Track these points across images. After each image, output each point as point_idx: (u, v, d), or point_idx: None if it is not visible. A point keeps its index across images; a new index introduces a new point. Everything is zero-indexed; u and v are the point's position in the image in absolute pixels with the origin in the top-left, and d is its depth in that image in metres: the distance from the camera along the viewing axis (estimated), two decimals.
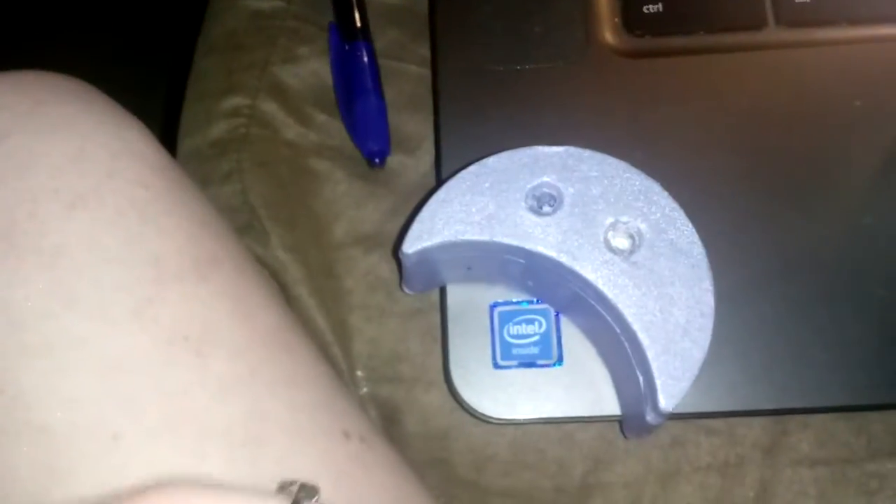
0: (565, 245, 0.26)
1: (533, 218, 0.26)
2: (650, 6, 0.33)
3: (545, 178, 0.26)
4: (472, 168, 0.27)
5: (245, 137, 0.36)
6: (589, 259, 0.25)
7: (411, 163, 0.35)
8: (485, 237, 0.26)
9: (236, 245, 0.26)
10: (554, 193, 0.26)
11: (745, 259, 0.30)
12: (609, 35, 0.33)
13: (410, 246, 0.26)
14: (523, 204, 0.26)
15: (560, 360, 0.29)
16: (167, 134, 0.37)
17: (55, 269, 0.22)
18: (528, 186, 0.26)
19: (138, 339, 0.22)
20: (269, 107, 0.36)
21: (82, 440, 0.21)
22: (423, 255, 0.27)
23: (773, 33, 0.33)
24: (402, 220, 0.34)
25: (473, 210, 0.26)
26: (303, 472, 0.22)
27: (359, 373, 0.33)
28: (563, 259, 0.25)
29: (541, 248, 0.26)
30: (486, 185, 0.27)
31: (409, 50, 0.36)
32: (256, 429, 0.22)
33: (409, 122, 0.35)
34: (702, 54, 0.32)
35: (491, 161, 0.27)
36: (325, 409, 0.24)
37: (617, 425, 0.31)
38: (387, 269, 0.34)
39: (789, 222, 0.30)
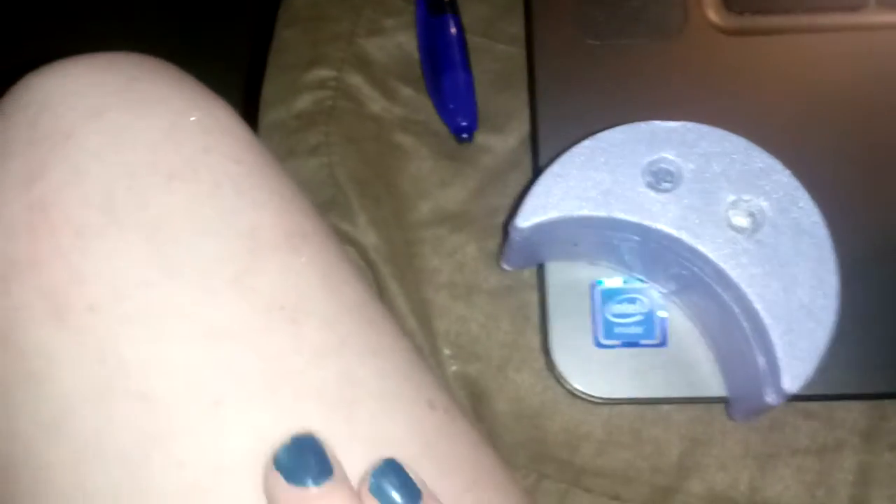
0: (686, 222, 0.25)
1: (651, 194, 0.26)
2: None
3: (663, 154, 0.26)
4: (586, 142, 0.26)
5: (331, 110, 0.35)
6: (710, 237, 0.25)
7: (498, 141, 0.34)
8: (602, 213, 0.26)
9: (321, 221, 0.26)
10: (672, 169, 0.26)
11: (846, 241, 0.29)
12: (709, 12, 0.32)
13: (524, 220, 0.26)
14: (641, 180, 0.26)
15: (664, 342, 0.29)
16: (247, 106, 0.37)
17: (155, 240, 0.22)
18: (646, 162, 0.26)
19: (237, 307, 0.22)
20: (355, 79, 0.36)
21: (183, 406, 0.21)
22: (536, 229, 0.26)
23: (872, 14, 0.33)
24: (489, 199, 0.34)
25: (589, 185, 0.26)
26: (393, 436, 0.22)
27: (446, 351, 0.32)
28: (684, 237, 0.25)
29: (661, 226, 0.25)
30: (602, 159, 0.26)
31: (496, 27, 0.36)
32: (349, 392, 0.22)
33: (497, 100, 0.35)
34: (801, 33, 0.32)
35: (606, 135, 0.26)
36: (410, 379, 0.24)
37: (713, 407, 0.30)
38: (474, 248, 0.33)
39: (890, 204, 0.30)
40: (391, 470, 0.20)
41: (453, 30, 0.35)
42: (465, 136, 0.34)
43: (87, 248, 0.22)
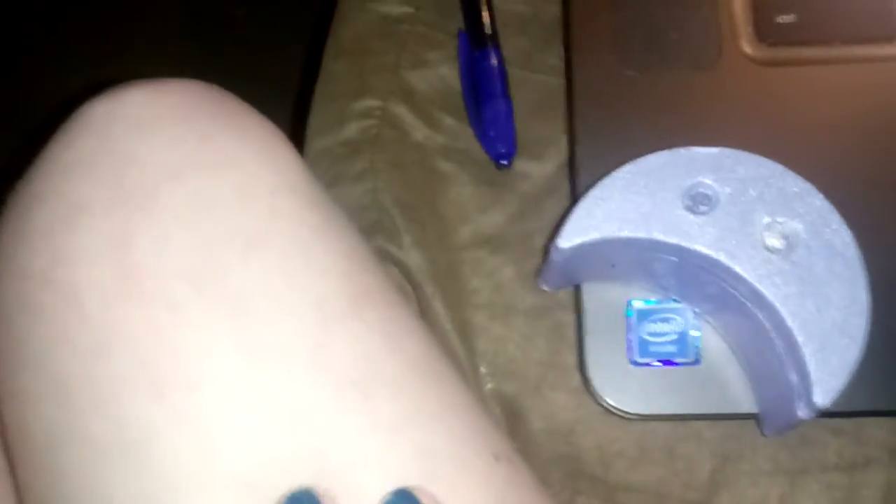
0: (723, 244, 0.26)
1: (690, 217, 0.27)
2: (783, 16, 0.34)
3: (701, 179, 0.27)
4: (627, 167, 0.28)
5: (376, 138, 0.37)
6: (747, 258, 0.26)
7: (537, 168, 0.36)
8: (642, 234, 0.27)
9: (378, 269, 0.27)
10: (709, 193, 0.27)
11: (878, 262, 0.31)
12: (743, 43, 0.34)
13: (566, 240, 0.27)
14: (679, 203, 0.27)
15: (698, 360, 0.30)
16: (294, 133, 0.39)
17: (238, 317, 0.23)
18: (685, 186, 0.27)
19: (315, 386, 0.23)
20: (399, 109, 0.37)
21: (276, 492, 0.21)
22: (577, 250, 0.28)
23: None
24: (527, 223, 0.35)
25: (630, 207, 0.27)
26: (467, 499, 0.23)
27: (482, 369, 0.34)
28: (721, 257, 0.26)
29: (699, 247, 0.27)
30: (642, 183, 0.27)
31: (535, 59, 0.37)
32: (428, 465, 0.23)
33: (535, 128, 0.36)
34: (833, 65, 0.33)
35: (646, 160, 0.28)
36: (477, 434, 0.25)
37: (744, 424, 0.31)
38: (512, 269, 0.35)
39: None
40: None
41: (494, 62, 0.37)
42: (504, 162, 0.36)
43: (181, 322, 0.22)
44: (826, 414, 0.30)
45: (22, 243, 0.24)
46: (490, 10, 0.38)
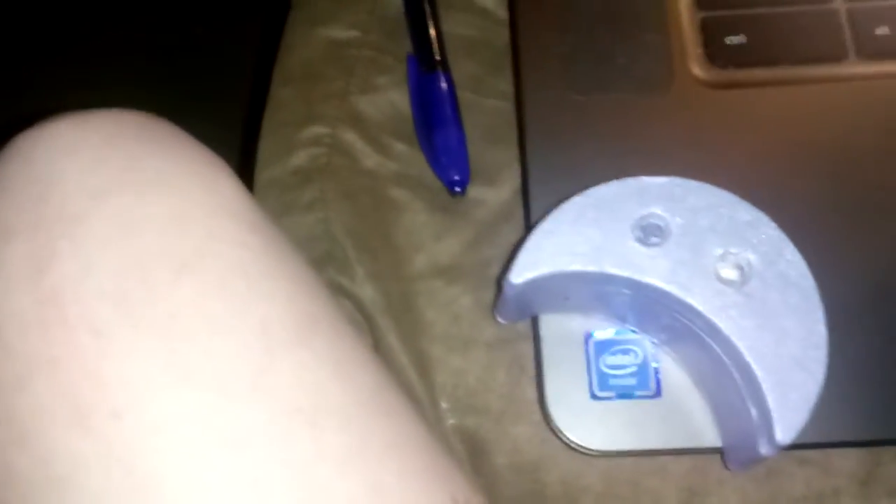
0: (675, 276, 0.26)
1: (641, 249, 0.26)
2: (732, 37, 0.33)
3: (652, 209, 0.26)
4: (576, 198, 0.27)
5: (326, 167, 0.36)
6: (700, 290, 0.25)
7: (491, 194, 0.35)
8: (594, 268, 0.26)
9: (328, 298, 0.26)
10: (661, 224, 0.26)
11: (837, 289, 0.30)
12: (692, 66, 0.33)
13: (517, 276, 0.26)
14: (631, 235, 0.26)
15: (658, 393, 0.29)
16: (243, 163, 0.38)
17: (171, 340, 0.21)
18: (635, 217, 0.26)
19: (256, 413, 0.21)
20: (349, 136, 0.36)
21: None
22: (529, 285, 0.27)
23: (853, 66, 0.33)
24: (483, 251, 0.34)
25: (580, 240, 0.26)
26: None
27: (443, 404, 0.33)
28: (674, 290, 0.26)
29: (651, 280, 0.26)
30: (592, 215, 0.27)
31: (486, 83, 0.37)
32: (377, 502, 0.21)
33: (488, 154, 0.36)
34: (785, 86, 0.33)
35: (596, 191, 0.27)
36: (432, 473, 0.24)
37: (710, 457, 0.30)
38: (469, 299, 0.34)
39: (879, 251, 0.31)
40: None
41: (444, 86, 0.36)
42: (458, 189, 0.35)
43: (106, 348, 0.21)
44: (793, 447, 0.29)
45: None
46: (438, 33, 0.37)
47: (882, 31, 0.33)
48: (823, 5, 0.34)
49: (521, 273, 0.26)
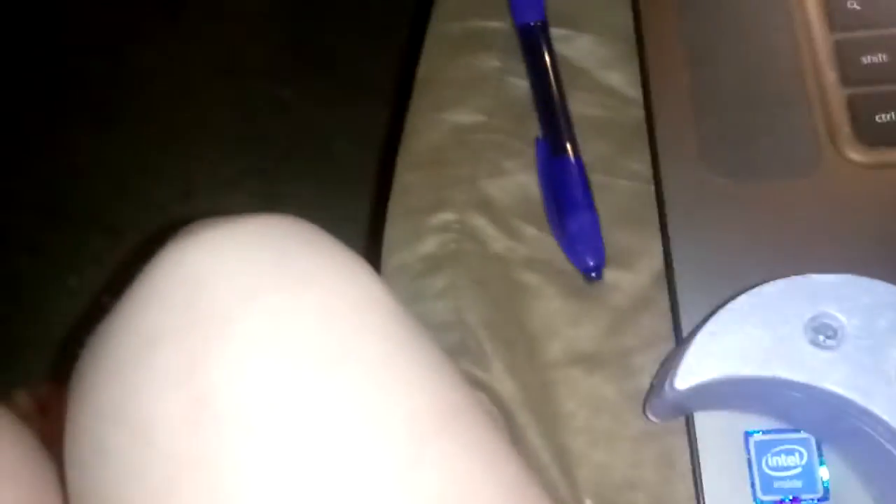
0: (854, 381, 0.24)
1: (815, 352, 0.25)
2: (883, 115, 0.32)
3: (824, 309, 0.25)
4: (742, 298, 0.26)
5: (456, 253, 0.36)
6: (884, 397, 0.24)
7: (628, 279, 0.34)
8: (766, 373, 0.25)
9: (466, 387, 0.26)
10: (835, 325, 0.25)
11: None
12: (841, 146, 0.32)
13: (683, 381, 0.25)
14: (803, 336, 0.25)
15: (827, 496, 0.28)
16: (369, 248, 0.38)
17: (322, 435, 0.22)
18: (807, 317, 0.25)
19: None
20: (478, 221, 0.36)
21: None
22: (693, 389, 0.26)
23: None
24: (622, 338, 0.33)
25: (749, 344, 0.25)
26: None
27: (588, 501, 0.32)
28: (855, 396, 0.24)
29: (828, 385, 0.24)
30: (760, 316, 0.26)
31: (616, 163, 0.36)
32: None
33: (623, 236, 0.35)
34: None
35: (762, 290, 0.26)
36: None
37: None
38: (611, 389, 0.33)
39: None
40: None
41: (576, 169, 0.35)
42: (593, 275, 0.34)
43: (257, 445, 0.21)
44: None
45: (96, 383, 0.24)
46: (567, 115, 0.36)
47: None
48: None
49: (687, 378, 0.25)
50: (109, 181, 0.90)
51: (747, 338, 0.25)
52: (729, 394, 0.27)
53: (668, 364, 0.27)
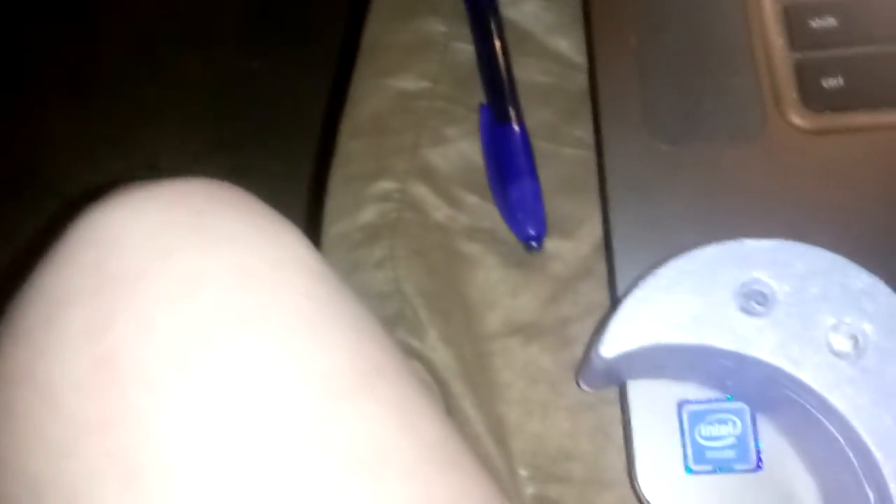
0: (785, 349, 0.24)
1: (745, 319, 0.24)
2: (829, 80, 0.31)
3: (756, 275, 0.24)
4: (672, 263, 0.25)
5: (396, 222, 0.35)
6: (812, 365, 0.24)
7: (569, 247, 0.33)
8: (694, 340, 0.24)
9: (394, 349, 0.26)
10: (766, 292, 0.25)
11: None
12: (787, 111, 0.31)
13: (609, 349, 0.25)
14: (733, 303, 0.24)
15: (759, 465, 0.27)
16: (311, 218, 0.37)
17: (229, 393, 0.21)
18: (737, 284, 0.25)
19: (315, 465, 0.21)
20: (419, 190, 0.35)
21: None
22: (621, 357, 0.25)
23: None
24: (562, 308, 0.33)
25: (678, 310, 0.25)
26: None
27: (522, 472, 0.31)
28: (784, 365, 0.24)
29: (757, 353, 0.24)
30: (690, 282, 0.25)
31: (561, 131, 0.35)
32: None
33: (565, 205, 0.34)
34: (889, 130, 0.31)
35: (693, 255, 0.25)
36: None
37: None
38: (548, 360, 0.32)
39: None
40: None
41: (519, 137, 0.34)
42: (534, 244, 0.33)
43: (161, 406, 0.21)
44: None
45: (5, 348, 0.23)
46: (512, 81, 0.35)
47: None
48: None
49: (613, 346, 0.25)
50: (74, 151, 0.88)
51: (676, 304, 0.25)
52: (660, 362, 0.27)
53: (597, 332, 0.26)
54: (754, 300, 0.25)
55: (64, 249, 0.24)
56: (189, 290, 0.22)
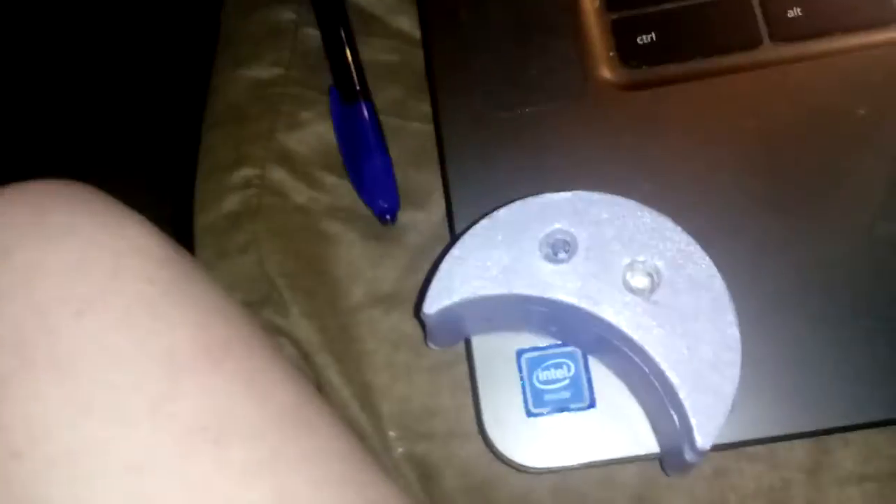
0: (585, 290, 0.26)
1: (549, 266, 0.26)
2: (643, 36, 0.33)
3: (557, 225, 0.26)
4: (482, 222, 0.27)
5: (258, 208, 0.36)
6: (610, 302, 0.25)
7: (423, 217, 0.35)
8: (503, 290, 0.26)
9: (248, 324, 0.26)
10: (568, 239, 0.26)
11: (767, 282, 0.30)
12: (606, 70, 0.33)
13: (430, 306, 0.26)
14: (538, 253, 0.26)
15: (593, 403, 0.29)
16: (186, 211, 0.38)
17: (69, 378, 0.22)
18: (541, 235, 0.26)
19: (157, 437, 0.22)
20: (279, 174, 0.36)
21: None
22: (444, 313, 0.27)
23: (768, 51, 0.33)
24: (419, 276, 0.34)
25: (489, 264, 0.26)
26: None
27: (391, 433, 0.33)
28: (585, 305, 0.25)
29: (561, 296, 0.26)
30: (499, 237, 0.27)
31: (409, 106, 0.37)
32: None
33: (417, 177, 0.36)
34: (701, 79, 0.32)
35: (501, 213, 0.27)
36: (350, 483, 0.24)
37: (655, 463, 0.30)
38: (409, 325, 0.34)
39: (806, 239, 0.30)
40: None
41: (367, 117, 0.36)
42: (388, 217, 0.35)
43: (5, 394, 0.22)
44: (738, 443, 0.29)
45: None
46: (357, 62, 0.37)
47: (794, 12, 0.33)
48: None
49: (434, 303, 0.26)
50: None
51: (489, 258, 0.26)
52: (486, 314, 0.28)
53: (421, 292, 0.27)
54: (560, 248, 0.26)
55: None
56: (27, 283, 0.23)
